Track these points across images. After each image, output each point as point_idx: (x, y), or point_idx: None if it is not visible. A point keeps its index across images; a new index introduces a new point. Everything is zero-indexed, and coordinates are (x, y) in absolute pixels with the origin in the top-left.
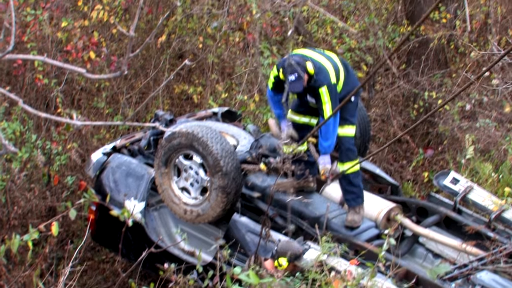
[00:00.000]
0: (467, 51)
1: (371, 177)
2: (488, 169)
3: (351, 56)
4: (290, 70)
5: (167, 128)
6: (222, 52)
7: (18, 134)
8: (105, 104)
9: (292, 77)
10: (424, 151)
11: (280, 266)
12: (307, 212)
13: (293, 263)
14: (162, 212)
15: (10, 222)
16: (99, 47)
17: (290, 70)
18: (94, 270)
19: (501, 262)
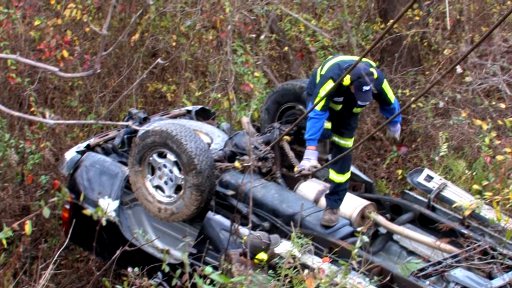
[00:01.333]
0: (440, 48)
1: None
2: (461, 166)
3: (324, 54)
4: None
5: (140, 127)
6: (196, 51)
7: None
8: (78, 103)
9: (367, 88)
10: (397, 148)
11: (262, 261)
12: (281, 210)
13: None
14: (136, 211)
15: None
16: (72, 45)
17: (366, 82)
18: (68, 269)
19: (475, 259)
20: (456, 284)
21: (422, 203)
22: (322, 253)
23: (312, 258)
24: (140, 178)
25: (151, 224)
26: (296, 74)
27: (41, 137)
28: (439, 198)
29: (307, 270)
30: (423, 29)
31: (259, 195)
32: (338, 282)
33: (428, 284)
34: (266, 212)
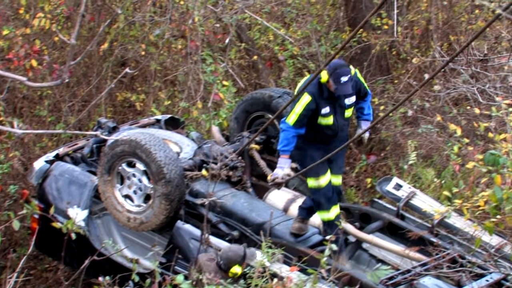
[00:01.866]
0: (409, 57)
1: None
2: (430, 174)
3: (293, 63)
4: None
5: (110, 136)
6: (165, 60)
7: None
8: (47, 112)
9: (346, 78)
10: (367, 157)
11: (236, 274)
12: (251, 219)
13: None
14: (106, 220)
15: None
16: (41, 55)
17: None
18: (37, 279)
19: (444, 267)
20: None
21: (391, 211)
22: (291, 261)
23: (281, 267)
24: (109, 187)
25: (120, 234)
26: (265, 83)
27: (10, 147)
28: (408, 207)
29: (276, 279)
30: (392, 38)
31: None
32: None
33: None
34: (236, 221)
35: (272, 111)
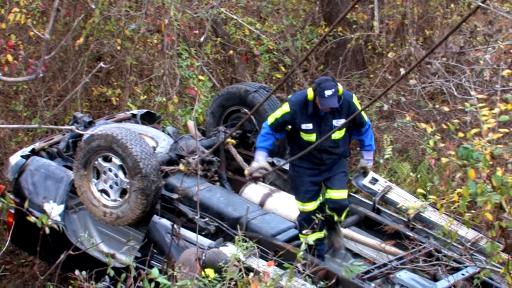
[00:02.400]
0: (384, 51)
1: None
2: (406, 168)
3: (269, 58)
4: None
5: (86, 131)
6: (140, 54)
7: None
8: (23, 107)
9: (330, 92)
10: None
11: (207, 276)
12: (227, 213)
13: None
14: (82, 215)
15: None
16: (17, 50)
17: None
18: (13, 274)
19: (420, 261)
20: (401, 286)
21: (367, 205)
22: (268, 256)
23: (257, 261)
24: (85, 182)
25: (97, 228)
26: (241, 77)
27: None
28: (384, 201)
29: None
30: (367, 33)
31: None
32: (283, 285)
33: (374, 287)
34: (212, 216)
35: (248, 106)
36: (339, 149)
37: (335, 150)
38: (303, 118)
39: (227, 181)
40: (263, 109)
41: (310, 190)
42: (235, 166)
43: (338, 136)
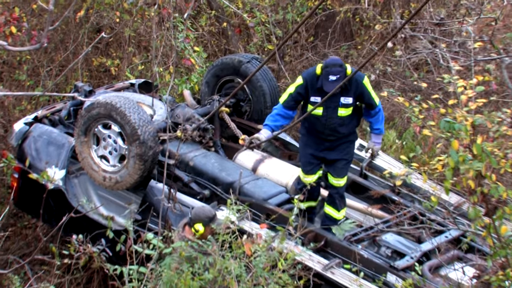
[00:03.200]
0: (371, 24)
1: (281, 144)
2: (392, 136)
3: (261, 30)
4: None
5: (86, 99)
6: (138, 26)
7: None
8: (26, 77)
9: (334, 78)
10: None
11: (197, 232)
12: (221, 178)
13: (209, 226)
14: (82, 179)
15: None
16: (20, 22)
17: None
18: (17, 235)
19: (405, 224)
20: (387, 248)
21: (355, 171)
22: (260, 219)
23: (250, 224)
24: (85, 148)
25: (97, 192)
26: (234, 48)
27: None
28: (371, 167)
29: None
30: (355, 6)
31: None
32: (275, 247)
33: (361, 248)
34: (207, 181)
35: (241, 76)
36: (344, 128)
37: (340, 129)
38: (313, 91)
39: (221, 147)
40: (256, 79)
41: (310, 163)
42: (229, 133)
43: (344, 113)
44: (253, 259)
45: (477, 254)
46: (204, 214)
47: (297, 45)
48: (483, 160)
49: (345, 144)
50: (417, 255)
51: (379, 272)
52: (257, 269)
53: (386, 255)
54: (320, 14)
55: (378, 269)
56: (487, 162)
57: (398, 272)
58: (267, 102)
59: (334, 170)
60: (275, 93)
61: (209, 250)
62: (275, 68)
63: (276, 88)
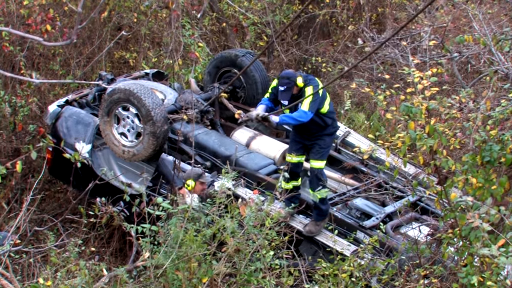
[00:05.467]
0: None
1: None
2: (361, 118)
3: (254, 29)
4: (282, 82)
5: (108, 86)
6: (152, 26)
7: None
8: (59, 67)
9: (282, 88)
10: None
11: (189, 186)
12: (220, 152)
13: (199, 181)
14: (105, 152)
15: None
16: (54, 21)
17: (282, 82)
18: (51, 198)
19: (372, 191)
20: (357, 210)
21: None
22: (252, 186)
23: (244, 190)
24: (108, 126)
25: (117, 163)
26: (232, 44)
27: (29, 94)
28: (344, 143)
29: (240, 200)
30: (332, 10)
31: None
32: (264, 208)
33: (335, 210)
34: (208, 154)
35: (237, 67)
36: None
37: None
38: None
39: (220, 126)
40: (249, 69)
41: (293, 144)
42: (227, 115)
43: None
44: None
45: (431, 216)
46: (193, 172)
47: (284, 42)
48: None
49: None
50: (381, 216)
51: (350, 230)
52: (248, 227)
53: (356, 216)
54: (303, 17)
55: (350, 227)
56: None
57: (366, 230)
58: (258, 89)
59: (311, 154)
60: (265, 82)
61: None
62: (265, 61)
63: (266, 78)
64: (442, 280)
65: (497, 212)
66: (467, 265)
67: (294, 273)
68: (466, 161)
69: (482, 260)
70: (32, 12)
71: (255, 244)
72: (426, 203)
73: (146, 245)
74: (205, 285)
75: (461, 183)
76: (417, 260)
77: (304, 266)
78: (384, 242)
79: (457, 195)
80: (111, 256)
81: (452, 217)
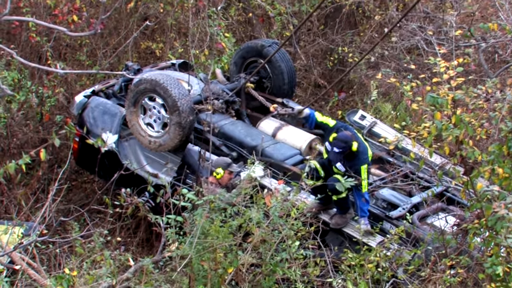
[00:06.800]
0: (372, 15)
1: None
2: (388, 108)
3: (281, 19)
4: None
5: (135, 76)
6: (179, 16)
7: (16, 81)
8: (85, 57)
9: (336, 150)
10: (338, 94)
11: (218, 174)
12: (246, 142)
13: (228, 170)
14: (132, 142)
15: (10, 151)
16: (80, 11)
17: (336, 144)
18: (78, 188)
19: (398, 181)
20: (383, 200)
21: None
22: (278, 176)
23: (270, 180)
24: (134, 117)
25: (143, 154)
26: (258, 35)
27: (56, 84)
28: (371, 133)
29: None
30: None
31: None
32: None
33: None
34: (234, 144)
35: (263, 57)
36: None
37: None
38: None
39: (247, 116)
40: (275, 60)
41: None
42: (254, 105)
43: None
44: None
45: (458, 206)
46: (222, 161)
47: (310, 32)
48: (461, 128)
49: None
50: (408, 207)
51: (376, 221)
52: (274, 217)
53: (383, 206)
54: (329, 7)
55: (376, 218)
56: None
57: (392, 221)
58: (284, 79)
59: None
60: (291, 72)
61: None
62: (292, 51)
63: (292, 68)
64: (468, 270)
65: None
66: (493, 255)
67: (320, 264)
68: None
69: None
70: (58, 2)
71: (280, 234)
72: (453, 193)
73: (172, 236)
74: (231, 275)
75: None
76: (443, 250)
77: (330, 257)
78: (411, 232)
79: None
80: (137, 246)
81: (478, 207)
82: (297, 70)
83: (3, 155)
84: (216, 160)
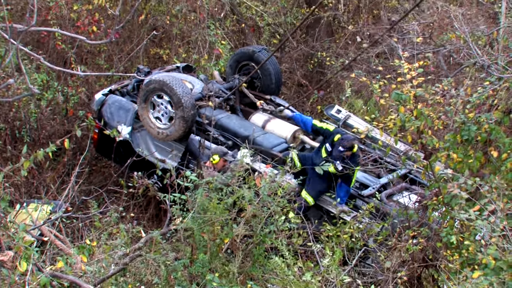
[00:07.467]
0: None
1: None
2: (360, 103)
3: (269, 29)
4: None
5: (145, 77)
6: (182, 26)
7: (45, 82)
8: (103, 62)
9: (341, 148)
10: (317, 92)
11: (214, 160)
12: (240, 133)
13: (223, 158)
14: (143, 133)
15: (40, 141)
16: (99, 23)
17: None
18: (97, 172)
19: (369, 165)
20: (356, 181)
21: None
22: (267, 161)
23: (259, 165)
24: (145, 112)
25: (153, 143)
26: (249, 42)
27: (79, 85)
28: (346, 125)
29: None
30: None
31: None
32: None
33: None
34: (230, 134)
35: (254, 61)
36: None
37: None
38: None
39: (240, 111)
40: (265, 64)
41: None
42: (246, 101)
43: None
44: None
45: (419, 186)
46: (220, 149)
47: (294, 39)
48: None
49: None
50: (377, 186)
51: (350, 199)
52: (263, 196)
53: (356, 186)
54: (310, 18)
55: (350, 196)
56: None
57: (364, 198)
58: (272, 79)
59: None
60: (278, 73)
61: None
62: (278, 56)
63: (279, 70)
64: (428, 240)
65: (474, 183)
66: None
67: (303, 235)
68: (448, 140)
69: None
70: (80, 16)
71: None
72: (415, 175)
73: (177, 212)
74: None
75: (443, 158)
76: (407, 223)
77: (311, 229)
78: (379, 208)
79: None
80: (148, 221)
81: (436, 186)
82: (282, 72)
83: (34, 145)
84: (215, 148)
